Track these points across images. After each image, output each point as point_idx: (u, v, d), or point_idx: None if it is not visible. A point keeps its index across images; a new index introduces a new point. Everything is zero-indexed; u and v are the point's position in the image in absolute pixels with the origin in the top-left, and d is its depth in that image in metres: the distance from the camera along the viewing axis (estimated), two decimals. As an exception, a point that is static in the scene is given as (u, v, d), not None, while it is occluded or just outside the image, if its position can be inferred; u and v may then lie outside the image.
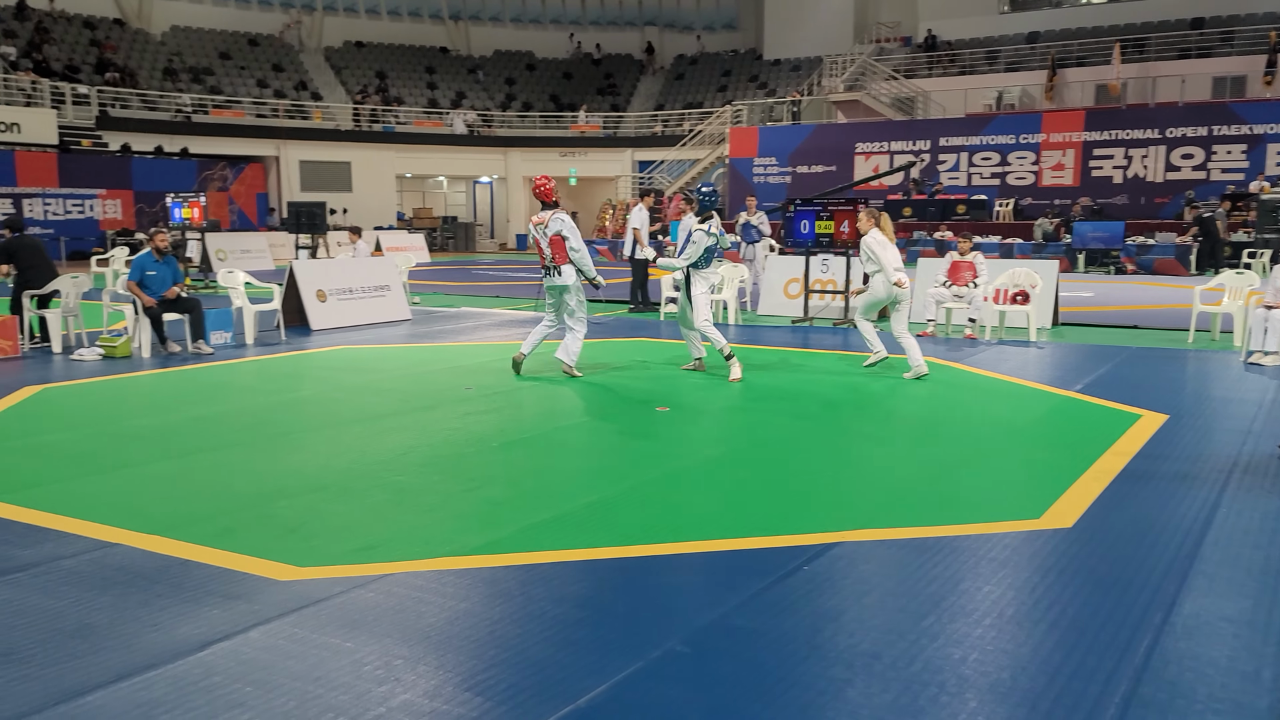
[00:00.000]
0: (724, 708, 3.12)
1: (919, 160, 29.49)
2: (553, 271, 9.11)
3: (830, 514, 5.12)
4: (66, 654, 3.49)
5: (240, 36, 38.04)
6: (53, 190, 27.42)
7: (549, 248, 9.06)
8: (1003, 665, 3.40)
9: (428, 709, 3.11)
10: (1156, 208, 26.70)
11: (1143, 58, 30.56)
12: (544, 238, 9.08)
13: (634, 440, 6.83)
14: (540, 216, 9.19)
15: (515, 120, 39.82)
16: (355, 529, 4.90)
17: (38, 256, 11.26)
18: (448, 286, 20.03)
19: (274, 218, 33.11)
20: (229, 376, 9.44)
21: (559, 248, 9.04)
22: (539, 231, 9.14)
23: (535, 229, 9.18)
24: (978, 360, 10.17)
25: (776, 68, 40.11)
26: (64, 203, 27.71)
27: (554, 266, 9.09)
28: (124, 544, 4.63)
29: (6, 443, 6.68)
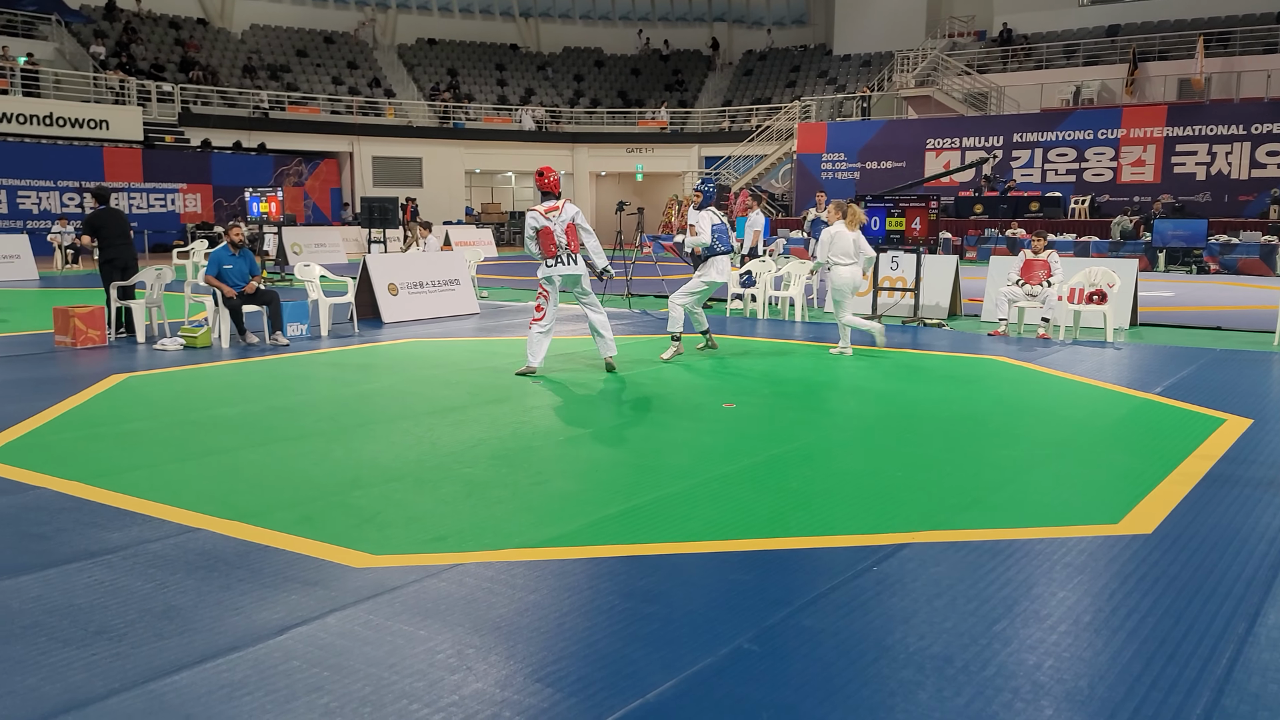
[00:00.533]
0: (794, 707, 3.12)
1: (992, 156, 28.95)
2: (568, 260, 9.03)
3: (900, 515, 5.08)
4: (155, 634, 3.62)
5: (316, 34, 38.81)
6: (137, 185, 28.29)
7: (564, 235, 8.99)
8: (1079, 673, 3.35)
9: (499, 698, 3.16)
10: (1240, 205, 25.87)
11: (1227, 51, 29.60)
12: (558, 226, 8.99)
13: (701, 436, 6.83)
14: (553, 204, 9.06)
15: (583, 116, 40.01)
16: (428, 519, 4.98)
17: (121, 231, 11.62)
18: (515, 281, 20.22)
19: (347, 212, 33.73)
20: (305, 368, 9.66)
21: (575, 235, 9.03)
22: (552, 220, 9.00)
23: (546, 218, 9.00)
24: (1051, 361, 9.97)
25: (846, 63, 39.70)
26: (147, 197, 28.56)
27: (570, 255, 9.03)
28: (207, 529, 4.77)
29: (96, 429, 6.92)
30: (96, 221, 11.49)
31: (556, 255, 9.02)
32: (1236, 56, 29.38)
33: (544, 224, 9.01)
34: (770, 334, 12.22)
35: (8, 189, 25.76)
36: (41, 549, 4.49)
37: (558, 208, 9.03)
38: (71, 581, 4.11)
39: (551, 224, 9.00)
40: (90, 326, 10.76)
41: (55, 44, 30.92)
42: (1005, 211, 26.72)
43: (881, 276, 13.60)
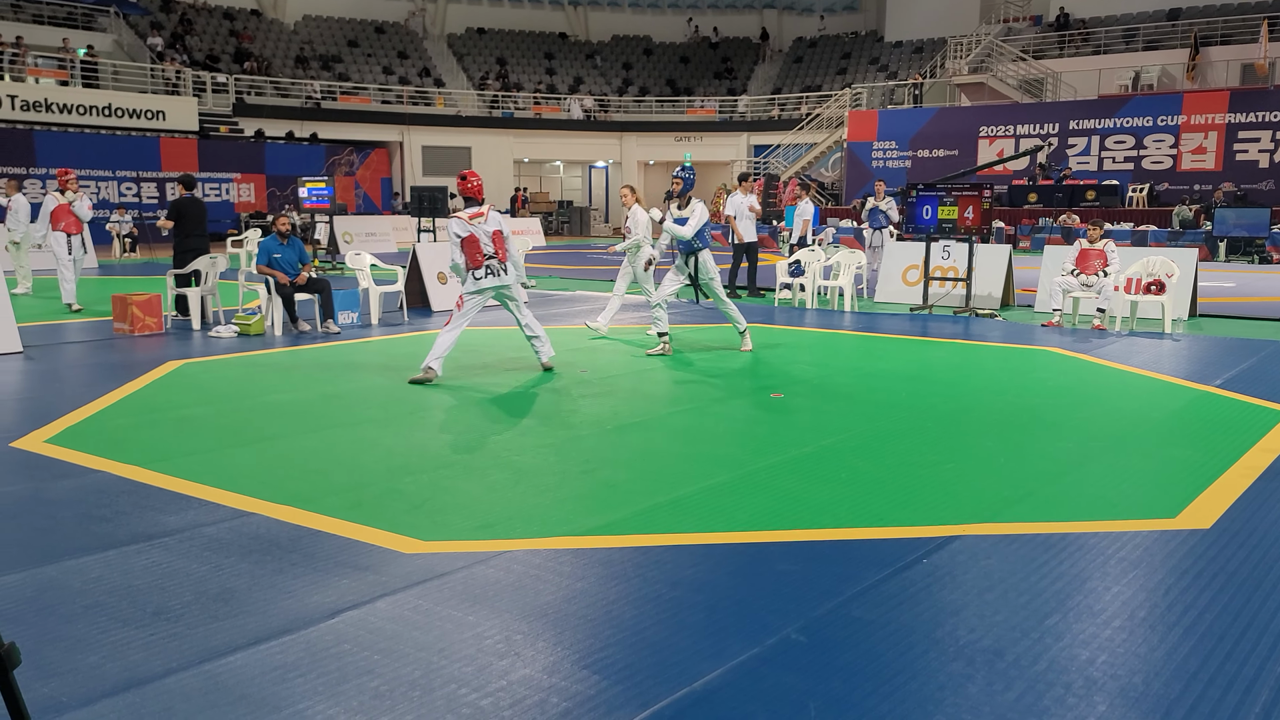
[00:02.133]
0: (842, 698, 3.11)
1: (1047, 144, 28.45)
2: (498, 270, 8.40)
3: (950, 507, 5.02)
4: (210, 615, 3.69)
5: (368, 24, 39.18)
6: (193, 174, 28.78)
7: (491, 243, 8.37)
8: (1134, 669, 3.29)
9: (547, 684, 3.18)
10: (1306, 194, 25.17)
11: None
12: (484, 234, 8.36)
13: (749, 426, 6.81)
14: (477, 211, 8.45)
15: (631, 105, 39.97)
16: (476, 506, 5.02)
17: (201, 220, 11.96)
18: (562, 270, 20.28)
19: (397, 202, 34.05)
20: (356, 355, 9.78)
21: (502, 243, 8.43)
22: (476, 227, 8.35)
23: (470, 225, 8.34)
24: (1107, 352, 9.79)
25: (898, 49, 39.22)
26: (203, 186, 29.06)
27: (499, 265, 8.41)
28: (260, 514, 4.85)
29: (153, 415, 7.07)
30: (182, 208, 11.77)
31: (485, 265, 8.38)
32: (1303, 40, 28.55)
33: (469, 231, 8.37)
34: (819, 324, 12.14)
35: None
36: (102, 531, 4.60)
37: (482, 214, 8.46)
38: (131, 563, 4.20)
39: (476, 231, 8.38)
40: (148, 314, 10.98)
41: (114, 36, 31.55)
42: (1060, 200, 26.25)
43: (933, 266, 13.44)
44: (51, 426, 6.62)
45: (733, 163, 37.86)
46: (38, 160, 25.71)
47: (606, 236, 38.14)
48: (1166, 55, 30.60)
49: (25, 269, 15.31)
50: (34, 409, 7.30)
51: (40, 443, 6.20)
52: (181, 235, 11.79)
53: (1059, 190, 26.78)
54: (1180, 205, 24.67)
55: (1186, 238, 22.20)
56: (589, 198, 42.84)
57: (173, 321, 11.56)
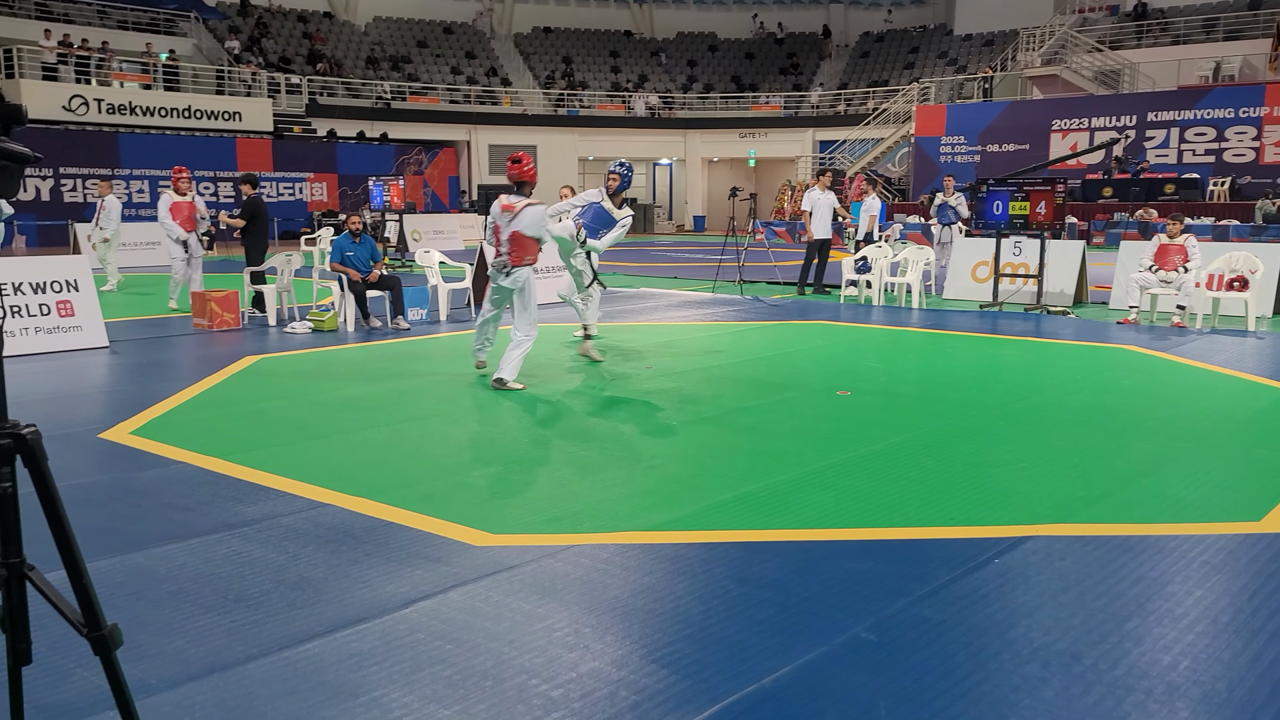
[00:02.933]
0: (913, 698, 3.08)
1: (1123, 137, 27.73)
2: (503, 272, 7.79)
3: (1023, 506, 4.94)
4: (288, 603, 3.79)
5: (436, 25, 39.68)
6: (267, 174, 29.44)
7: (507, 243, 7.70)
8: (1217, 675, 3.20)
9: (615, 677, 3.21)
10: (1399, 187, 24.20)
11: (1386, 21, 27.66)
12: (505, 228, 7.72)
13: (815, 423, 6.76)
14: (509, 203, 7.76)
15: (696, 102, 39.90)
16: (544, 500, 5.07)
17: (265, 220, 12.32)
18: (626, 267, 20.33)
19: (464, 200, 34.44)
20: (425, 350, 9.93)
21: (521, 247, 7.68)
22: (503, 219, 7.75)
23: (500, 216, 7.78)
24: (1187, 350, 9.53)
25: (967, 43, 38.56)
26: (277, 185, 29.71)
27: (501, 264, 7.76)
28: (335, 505, 4.96)
29: (231, 408, 7.26)
30: (256, 207, 12.11)
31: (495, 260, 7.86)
32: (1396, 27, 27.44)
33: (493, 221, 7.83)
34: (886, 321, 12.00)
35: (150, 180, 27.12)
36: (185, 520, 4.74)
37: (513, 208, 7.75)
38: (212, 551, 4.33)
39: (500, 222, 7.78)
40: (225, 310, 11.27)
41: (193, 40, 32.40)
42: (1137, 194, 25.59)
43: (1003, 262, 13.20)
44: (136, 419, 6.84)
45: (798, 159, 37.59)
46: (122, 161, 26.51)
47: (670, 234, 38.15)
48: (1248, 45, 29.62)
49: (112, 266, 15.82)
50: (120, 402, 7.55)
51: (126, 434, 6.40)
52: (255, 233, 12.07)
53: (1135, 184, 26.11)
54: (1263, 199, 23.89)
55: (1270, 233, 21.48)
56: (653, 195, 42.87)
57: (249, 318, 11.84)
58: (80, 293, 10.01)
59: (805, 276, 15.00)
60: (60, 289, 9.88)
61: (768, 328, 11.46)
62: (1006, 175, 15.17)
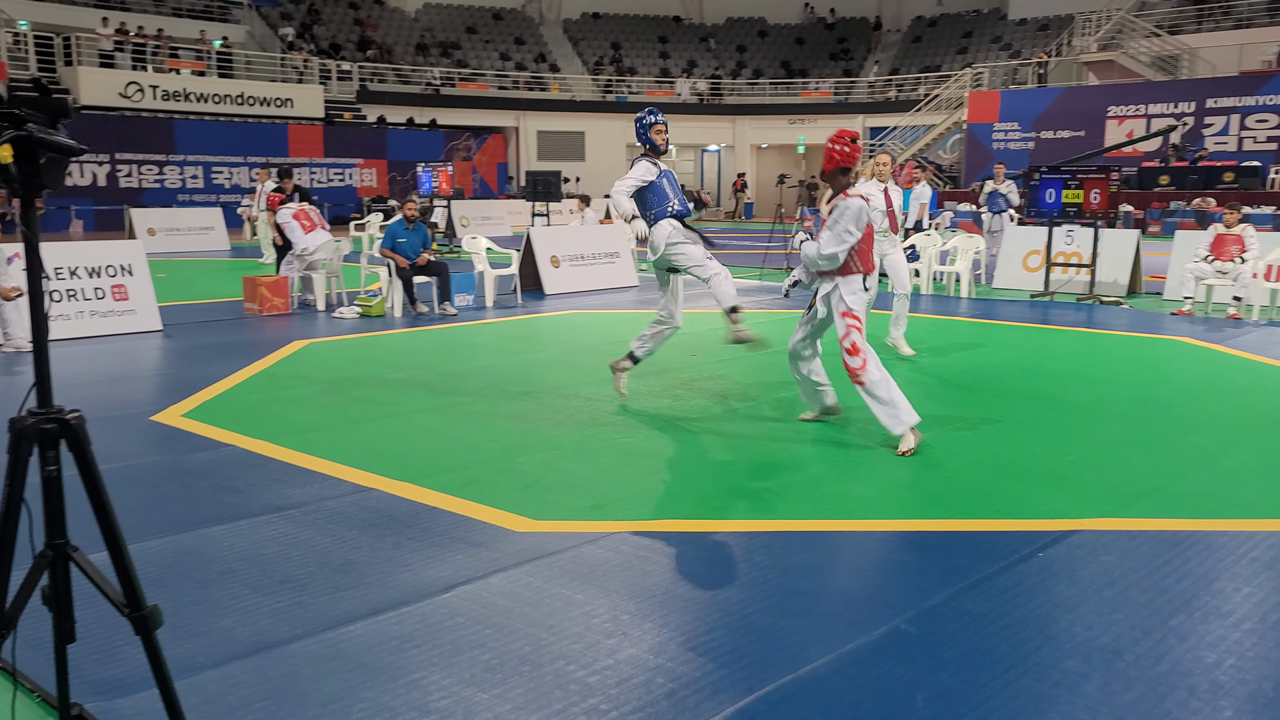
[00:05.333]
0: (952, 691, 3.06)
1: (1181, 124, 27.08)
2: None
3: (1071, 500, 4.87)
4: (332, 585, 3.85)
5: (485, 11, 39.80)
6: (318, 160, 29.80)
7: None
8: (1264, 674, 3.15)
9: (653, 664, 3.22)
10: None
11: None
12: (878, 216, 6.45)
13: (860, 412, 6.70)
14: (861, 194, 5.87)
15: (745, 88, 39.65)
16: (586, 487, 5.10)
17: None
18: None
19: (512, 186, 34.59)
20: (472, 336, 10.01)
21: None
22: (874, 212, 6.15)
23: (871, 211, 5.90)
24: (1243, 343, 9.31)
25: (1022, 27, 37.86)
26: (327, 171, 30.06)
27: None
28: (379, 489, 5.03)
29: (280, 392, 7.38)
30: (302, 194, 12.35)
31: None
32: None
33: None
34: (935, 310, 11.87)
35: (204, 165, 27.57)
36: (234, 501, 4.84)
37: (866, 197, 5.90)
38: (260, 533, 4.41)
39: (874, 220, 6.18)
40: (276, 294, 11.44)
41: (246, 27, 32.83)
42: (1195, 183, 24.99)
43: (1055, 251, 12.99)
44: (187, 401, 6.98)
45: (848, 145, 37.15)
46: (177, 147, 26.98)
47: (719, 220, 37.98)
48: (1316, 28, 28.76)
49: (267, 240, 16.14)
50: (172, 384, 7.71)
51: (178, 417, 6.54)
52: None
53: (1193, 172, 25.49)
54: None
55: (1335, 222, 20.87)
56: (701, 181, 42.70)
57: (299, 302, 12.01)
58: (134, 277, 10.22)
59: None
60: (115, 273, 10.10)
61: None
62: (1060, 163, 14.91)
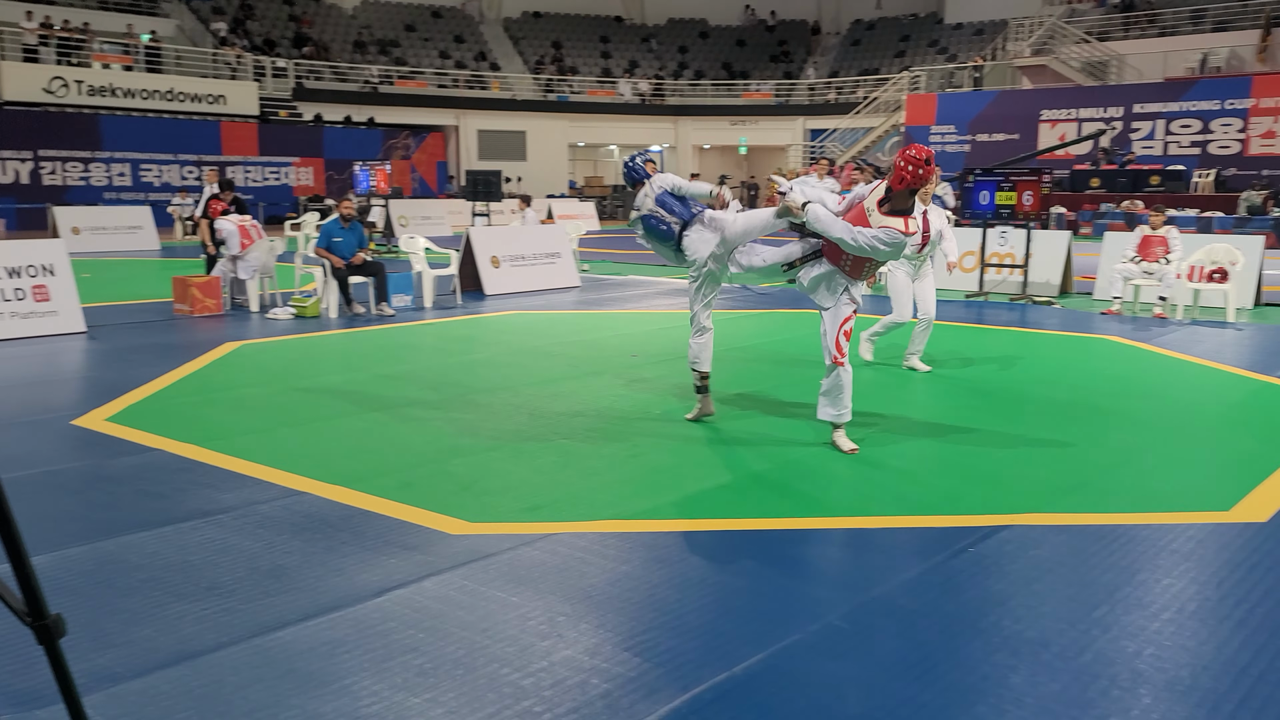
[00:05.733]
0: (882, 686, 3.10)
1: (1110, 128, 27.79)
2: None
3: (1000, 495, 4.96)
4: (262, 591, 3.78)
5: (424, 9, 39.42)
6: (253, 158, 29.26)
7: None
8: (1181, 662, 3.23)
9: (588, 665, 3.21)
10: (1382, 179, 24.33)
11: (1374, 13, 27.74)
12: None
13: (799, 411, 6.76)
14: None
15: (687, 89, 39.78)
16: (524, 489, 5.07)
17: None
18: (616, 255, 20.30)
19: (453, 185, 34.32)
20: (410, 338, 9.90)
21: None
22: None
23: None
24: (1167, 341, 9.58)
25: (958, 32, 38.52)
26: (262, 170, 29.53)
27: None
28: (312, 493, 4.95)
29: (210, 395, 7.23)
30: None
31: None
32: (1382, 19, 27.52)
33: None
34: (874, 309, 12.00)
35: (131, 163, 26.92)
36: (159, 507, 4.72)
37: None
38: (186, 539, 4.31)
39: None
40: (207, 295, 11.21)
41: (176, 21, 32.11)
42: (1124, 185, 25.66)
43: (989, 252, 13.23)
44: (112, 405, 6.80)
45: (789, 147, 37.53)
46: (103, 144, 26.31)
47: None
48: (1236, 36, 29.66)
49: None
50: (96, 387, 7.51)
51: (101, 421, 6.37)
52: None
53: (1122, 175, 26.17)
54: (1248, 191, 23.97)
55: (1254, 224, 21.55)
56: (641, 182, 42.75)
57: (231, 303, 11.79)
58: (56, 277, 9.92)
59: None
60: (36, 273, 9.80)
61: (756, 316, 11.46)
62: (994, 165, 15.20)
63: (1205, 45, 29.89)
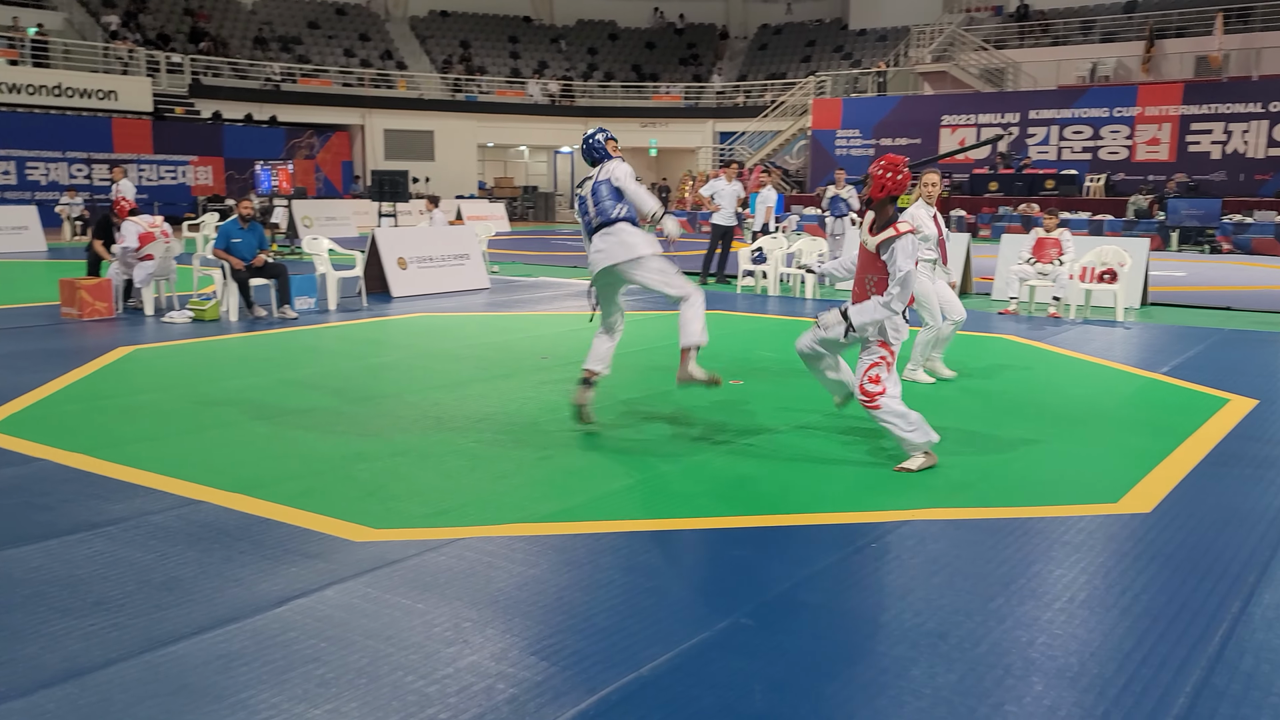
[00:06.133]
0: (787, 682, 3.14)
1: (1007, 133, 28.73)
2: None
3: (901, 492, 5.08)
4: (154, 605, 3.65)
5: (328, 6, 38.65)
6: (147, 157, 28.31)
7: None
8: (1071, 650, 3.35)
9: (494, 671, 3.19)
10: (1256, 185, 25.64)
11: (1246, 28, 29.20)
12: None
13: (705, 413, 6.82)
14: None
15: (597, 90, 39.80)
16: (430, 493, 5.00)
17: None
18: (527, 256, 20.20)
19: (359, 185, 33.72)
20: (313, 341, 9.68)
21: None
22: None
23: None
24: (1061, 340, 9.93)
25: (862, 38, 39.36)
26: (158, 169, 28.58)
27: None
28: (210, 502, 4.80)
29: (100, 402, 6.96)
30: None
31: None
32: (1256, 33, 28.99)
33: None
34: (781, 311, 12.19)
35: (16, 160, 25.80)
36: (44, 520, 4.53)
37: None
38: (73, 552, 4.14)
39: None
40: (97, 299, 10.80)
41: (64, 14, 30.87)
42: (1021, 189, 26.55)
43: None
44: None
45: (698, 149, 37.85)
46: (-14, 140, 25.18)
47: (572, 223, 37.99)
48: (1123, 47, 30.95)
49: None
50: (-21, 395, 7.16)
51: (-16, 430, 6.08)
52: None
53: (1019, 179, 27.07)
54: (1136, 195, 25.03)
55: (1141, 227, 22.51)
56: (555, 183, 42.64)
57: (125, 307, 11.37)
58: (-62, 280, 9.45)
59: (708, 266, 15.14)
60: (-85, 276, 9.32)
61: (666, 317, 11.50)
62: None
63: (1095, 55, 31.12)
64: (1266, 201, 23.87)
